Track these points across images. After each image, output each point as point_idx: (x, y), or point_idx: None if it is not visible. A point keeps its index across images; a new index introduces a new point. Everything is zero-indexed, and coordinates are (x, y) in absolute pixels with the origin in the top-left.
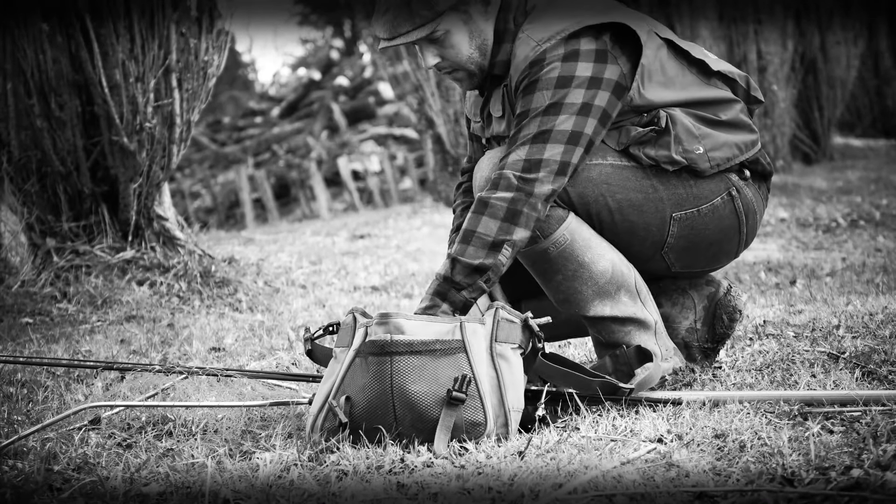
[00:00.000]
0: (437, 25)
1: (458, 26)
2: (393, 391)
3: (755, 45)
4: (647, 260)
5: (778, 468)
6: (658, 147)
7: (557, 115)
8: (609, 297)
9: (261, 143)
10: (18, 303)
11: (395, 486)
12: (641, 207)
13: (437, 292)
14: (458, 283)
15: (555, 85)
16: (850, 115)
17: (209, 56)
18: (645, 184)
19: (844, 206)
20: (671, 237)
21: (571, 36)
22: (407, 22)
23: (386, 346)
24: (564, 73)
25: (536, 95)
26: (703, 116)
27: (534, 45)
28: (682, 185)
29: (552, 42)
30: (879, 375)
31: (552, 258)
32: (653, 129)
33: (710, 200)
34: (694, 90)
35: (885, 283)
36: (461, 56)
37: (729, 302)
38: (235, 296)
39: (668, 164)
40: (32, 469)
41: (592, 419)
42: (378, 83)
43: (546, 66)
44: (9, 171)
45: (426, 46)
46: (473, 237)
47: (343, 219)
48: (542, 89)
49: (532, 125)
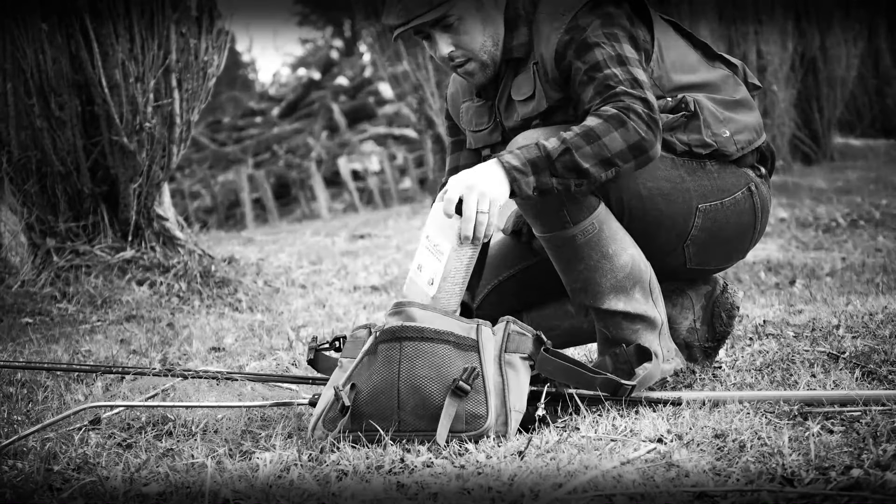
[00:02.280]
0: (450, 8)
1: (472, 12)
2: (400, 374)
3: (755, 45)
4: (669, 253)
5: (778, 468)
6: (689, 132)
7: (631, 66)
8: (624, 292)
9: (261, 143)
10: (18, 303)
11: (395, 486)
12: (670, 196)
13: (534, 163)
14: (557, 170)
15: (608, 38)
16: (850, 115)
17: (209, 56)
18: (674, 174)
19: (844, 205)
20: (695, 229)
21: (595, 4)
22: (422, 4)
23: (397, 332)
24: (608, 31)
25: (597, 50)
26: (721, 99)
27: (560, 16)
28: (707, 176)
29: (576, 9)
30: (879, 375)
31: (578, 246)
32: (683, 115)
33: (732, 194)
34: (704, 71)
35: (885, 283)
36: (475, 43)
37: (726, 300)
38: (235, 296)
39: (701, 148)
40: (32, 469)
41: (592, 419)
42: (378, 83)
43: (588, 29)
44: (9, 171)
45: (440, 34)
46: (597, 143)
47: (343, 219)
48: (601, 43)
49: (619, 72)
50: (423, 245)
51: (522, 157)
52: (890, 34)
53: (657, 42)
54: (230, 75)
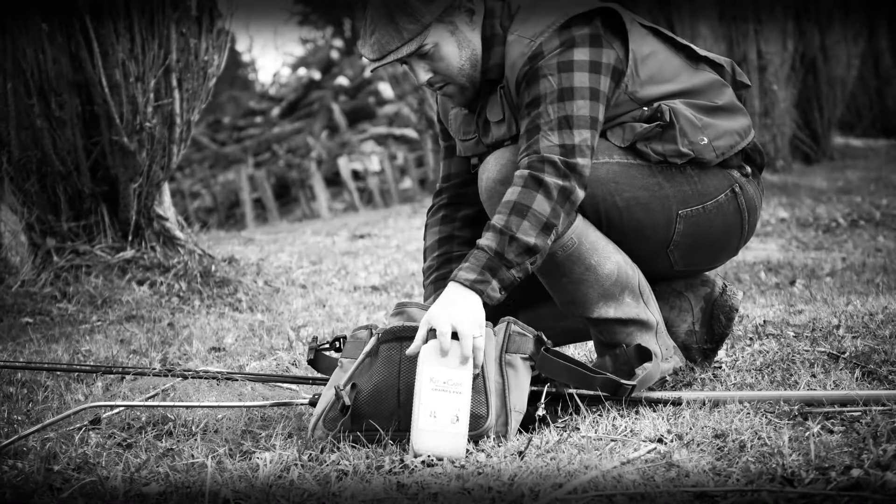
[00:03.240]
0: (424, 39)
1: (446, 38)
2: (400, 375)
3: (755, 44)
4: (653, 259)
5: (778, 468)
6: (664, 142)
7: (573, 99)
8: (613, 299)
9: (261, 143)
10: (18, 303)
11: (395, 486)
12: (648, 205)
13: (489, 267)
14: (510, 261)
15: (558, 69)
16: (850, 115)
17: (209, 56)
18: (651, 181)
19: (844, 205)
20: (677, 235)
21: (563, 27)
22: (395, 38)
23: (399, 332)
24: (565, 59)
25: (543, 82)
26: (701, 105)
27: (527, 42)
28: (687, 181)
29: (545, 35)
30: (879, 375)
31: (559, 261)
32: (658, 124)
33: (714, 197)
34: (685, 77)
35: (885, 283)
36: (452, 68)
37: (725, 301)
38: (235, 296)
39: (677, 158)
40: (32, 469)
41: (592, 419)
42: (378, 83)
43: (546, 56)
44: (9, 171)
45: (417, 62)
46: (529, 213)
47: (343, 219)
48: (548, 75)
49: (551, 111)
50: (428, 389)
51: (476, 267)
52: (890, 34)
53: (632, 55)
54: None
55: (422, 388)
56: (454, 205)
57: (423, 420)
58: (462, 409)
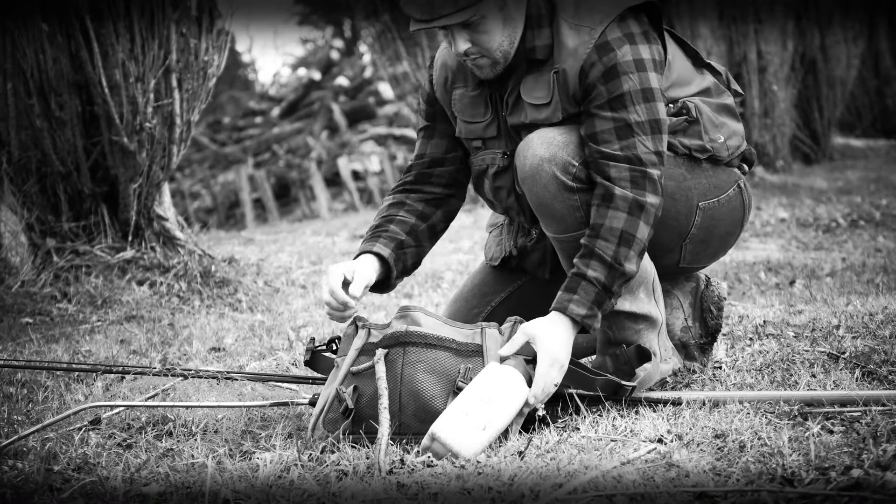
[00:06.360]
0: (477, 10)
1: (495, 12)
2: (402, 379)
3: (755, 44)
4: (665, 253)
5: (778, 468)
6: (690, 136)
7: (654, 100)
8: (630, 292)
9: (261, 143)
10: (18, 303)
11: (395, 486)
12: (674, 195)
13: (598, 302)
14: (615, 292)
15: (635, 68)
16: (850, 115)
17: (209, 56)
18: (676, 172)
19: (844, 206)
20: (694, 227)
21: (620, 18)
22: (448, 3)
23: (401, 337)
24: (636, 56)
25: (624, 79)
26: (716, 104)
27: (588, 30)
28: (704, 174)
29: (605, 24)
30: (879, 375)
31: None
32: (686, 119)
33: (725, 191)
34: (698, 81)
35: (885, 283)
36: (493, 42)
37: (712, 293)
38: (235, 296)
39: (700, 153)
40: (32, 469)
41: (592, 419)
42: (378, 83)
43: (617, 50)
44: (9, 171)
45: (459, 31)
46: (634, 242)
47: (343, 219)
48: (628, 73)
49: (640, 112)
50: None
51: (587, 302)
52: (890, 34)
53: (668, 57)
54: (230, 75)
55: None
56: (419, 182)
57: (457, 412)
58: (494, 425)
